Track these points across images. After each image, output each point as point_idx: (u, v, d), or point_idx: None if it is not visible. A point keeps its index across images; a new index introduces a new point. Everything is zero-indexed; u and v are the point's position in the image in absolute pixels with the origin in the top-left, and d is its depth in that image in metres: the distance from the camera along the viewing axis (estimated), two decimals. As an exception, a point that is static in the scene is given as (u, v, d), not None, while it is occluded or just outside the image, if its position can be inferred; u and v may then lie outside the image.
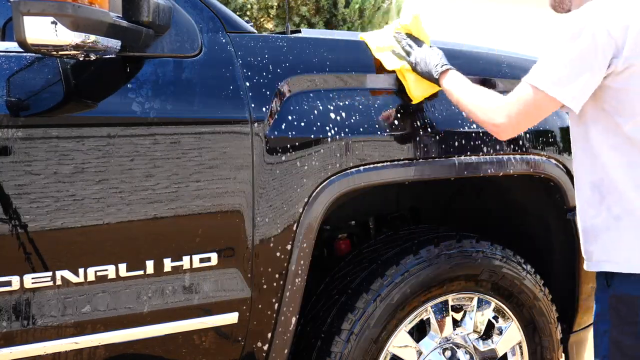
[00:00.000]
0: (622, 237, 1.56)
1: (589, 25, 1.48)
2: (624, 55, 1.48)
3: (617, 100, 1.52)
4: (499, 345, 2.10)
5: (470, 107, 1.68)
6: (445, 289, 1.98)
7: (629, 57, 1.48)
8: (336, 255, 2.29)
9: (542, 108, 1.56)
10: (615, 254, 1.58)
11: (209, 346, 1.68)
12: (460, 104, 1.74)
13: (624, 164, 1.54)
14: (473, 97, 1.68)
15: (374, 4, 7.48)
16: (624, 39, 1.47)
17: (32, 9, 1.23)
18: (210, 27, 1.67)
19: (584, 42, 1.48)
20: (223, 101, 1.62)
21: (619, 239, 1.57)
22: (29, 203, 1.44)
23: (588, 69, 1.49)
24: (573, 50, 1.49)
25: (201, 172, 1.59)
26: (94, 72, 1.53)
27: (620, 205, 1.55)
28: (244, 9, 6.76)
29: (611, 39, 1.47)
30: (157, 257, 1.57)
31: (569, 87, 1.50)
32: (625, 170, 1.54)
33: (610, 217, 1.57)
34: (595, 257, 1.64)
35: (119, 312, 1.55)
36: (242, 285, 1.67)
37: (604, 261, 1.60)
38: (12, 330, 1.47)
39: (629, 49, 1.47)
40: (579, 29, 1.49)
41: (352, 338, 1.85)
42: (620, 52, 1.47)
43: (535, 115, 1.58)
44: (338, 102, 1.78)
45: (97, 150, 1.49)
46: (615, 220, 1.56)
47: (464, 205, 2.48)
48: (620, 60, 1.48)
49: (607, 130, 1.55)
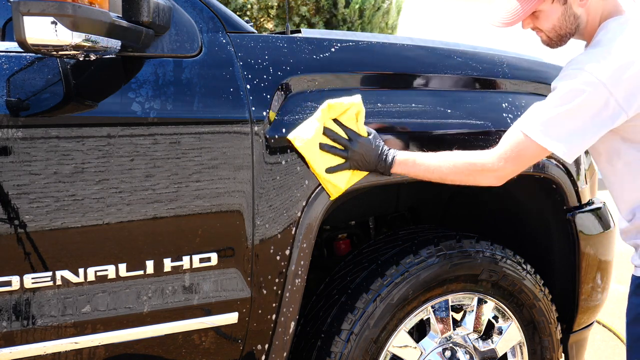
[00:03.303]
0: None
1: (591, 85, 1.47)
2: (634, 108, 1.49)
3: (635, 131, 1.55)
4: (499, 345, 2.10)
5: (452, 175, 1.66)
6: (445, 288, 1.98)
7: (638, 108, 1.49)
8: (336, 255, 2.29)
9: (531, 155, 1.59)
10: None
11: (209, 346, 1.68)
12: (431, 177, 1.69)
13: None
14: (450, 166, 1.66)
15: (374, 4, 7.48)
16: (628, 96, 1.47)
17: (32, 9, 1.23)
18: (210, 27, 1.67)
19: (589, 103, 1.48)
20: (223, 101, 1.62)
21: None
22: (29, 203, 1.44)
23: (590, 129, 1.50)
24: (577, 109, 1.49)
25: (201, 172, 1.59)
26: (94, 72, 1.53)
27: None
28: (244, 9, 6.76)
29: (613, 100, 1.47)
30: (157, 257, 1.57)
31: (566, 142, 1.52)
32: None
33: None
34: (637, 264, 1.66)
35: (118, 312, 1.55)
36: (242, 285, 1.67)
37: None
38: (12, 330, 1.47)
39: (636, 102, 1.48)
40: (583, 89, 1.48)
41: (352, 338, 1.85)
42: (627, 107, 1.48)
43: (527, 160, 1.61)
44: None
45: (97, 150, 1.49)
46: None
47: (464, 205, 2.48)
48: (630, 112, 1.49)
49: None
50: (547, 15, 1.60)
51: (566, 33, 1.63)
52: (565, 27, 1.61)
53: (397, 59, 1.98)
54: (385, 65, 1.94)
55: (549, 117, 1.52)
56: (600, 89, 1.46)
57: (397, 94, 1.90)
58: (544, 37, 1.67)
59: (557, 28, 1.62)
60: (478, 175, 1.64)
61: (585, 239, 2.18)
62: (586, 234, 2.18)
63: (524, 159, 1.59)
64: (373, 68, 1.90)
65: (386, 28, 7.86)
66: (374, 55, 1.93)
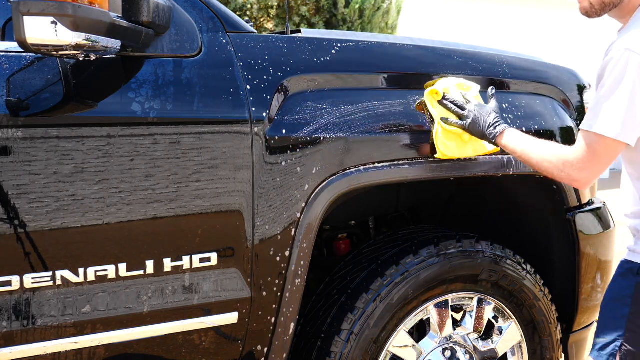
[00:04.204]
0: None
1: (636, 63, 1.47)
2: None
3: None
4: (499, 345, 2.10)
5: (542, 165, 1.66)
6: (445, 288, 1.98)
7: None
8: (336, 255, 2.29)
9: (612, 153, 1.56)
10: None
11: (209, 346, 1.68)
12: (528, 161, 1.71)
13: None
14: (542, 154, 1.66)
15: (374, 4, 7.48)
16: None
17: (32, 9, 1.23)
18: (210, 27, 1.67)
19: (635, 81, 1.47)
20: (223, 101, 1.62)
21: None
22: (29, 203, 1.44)
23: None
24: (626, 92, 1.48)
25: (201, 172, 1.59)
26: (94, 72, 1.53)
27: None
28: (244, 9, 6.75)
29: None
30: (157, 257, 1.57)
31: (632, 128, 1.51)
32: None
33: None
34: (633, 248, 1.67)
35: (119, 312, 1.55)
36: (242, 285, 1.67)
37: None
38: (12, 330, 1.47)
39: None
40: (628, 69, 1.48)
41: (352, 338, 1.85)
42: None
43: (609, 161, 1.58)
44: (338, 102, 1.78)
45: (97, 150, 1.49)
46: None
47: (464, 205, 2.48)
48: None
49: None
50: None
51: (610, 2, 1.60)
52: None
53: (397, 59, 1.98)
54: (385, 65, 1.94)
55: (605, 107, 1.51)
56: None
57: (397, 94, 1.90)
58: (585, 4, 1.63)
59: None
60: (559, 173, 1.62)
61: (585, 239, 2.18)
62: (586, 234, 2.18)
63: (600, 155, 1.55)
64: (373, 68, 1.90)
65: (386, 28, 7.86)
66: (374, 55, 1.93)
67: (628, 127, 1.51)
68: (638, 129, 1.53)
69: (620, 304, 1.63)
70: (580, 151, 1.58)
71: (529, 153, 1.69)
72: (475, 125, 1.79)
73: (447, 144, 1.83)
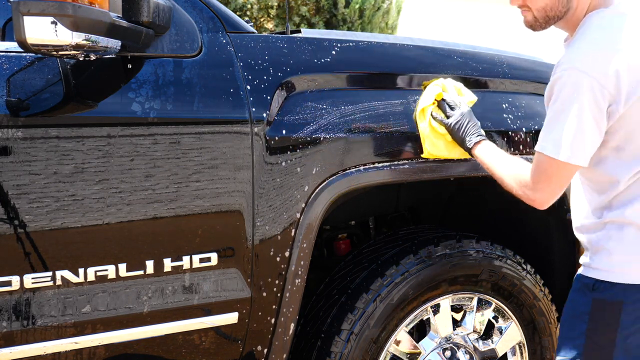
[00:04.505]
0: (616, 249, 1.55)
1: (583, 83, 1.44)
2: (622, 101, 1.45)
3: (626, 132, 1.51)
4: (499, 345, 2.10)
5: (504, 182, 1.66)
6: (445, 288, 1.98)
7: (627, 100, 1.46)
8: (336, 255, 2.29)
9: (566, 175, 1.54)
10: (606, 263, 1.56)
11: (209, 346, 1.68)
12: (494, 176, 1.71)
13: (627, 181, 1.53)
14: (506, 171, 1.66)
15: (374, 4, 7.48)
16: (618, 86, 1.44)
17: (32, 9, 1.23)
18: (210, 27, 1.67)
19: (583, 102, 1.44)
20: (223, 101, 1.62)
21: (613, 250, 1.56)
22: (29, 203, 1.44)
23: (594, 126, 1.47)
24: (575, 113, 1.45)
25: (201, 172, 1.59)
26: (94, 72, 1.53)
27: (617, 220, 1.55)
28: (244, 9, 6.75)
29: (606, 91, 1.44)
30: (157, 257, 1.57)
31: (582, 150, 1.48)
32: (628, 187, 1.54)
33: (606, 233, 1.57)
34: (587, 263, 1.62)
35: (119, 312, 1.55)
36: (242, 285, 1.67)
37: (595, 269, 1.58)
38: (12, 330, 1.47)
39: (625, 93, 1.45)
40: (576, 89, 1.45)
41: (352, 338, 1.85)
42: (618, 99, 1.45)
43: (564, 182, 1.55)
44: (338, 102, 1.78)
45: (97, 150, 1.49)
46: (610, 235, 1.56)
47: (464, 205, 2.48)
48: (619, 106, 1.46)
49: None
50: None
51: (555, 15, 1.57)
52: (556, 9, 1.55)
53: (397, 59, 1.98)
54: (385, 65, 1.94)
55: (556, 128, 1.49)
56: (594, 83, 1.43)
57: (397, 94, 1.90)
58: (529, 17, 1.59)
59: (548, 9, 1.55)
60: (520, 191, 1.60)
61: (585, 239, 2.18)
62: (586, 234, 2.18)
63: (553, 177, 1.53)
64: (373, 68, 1.90)
65: (386, 28, 7.85)
66: (374, 55, 1.93)
67: (579, 149, 1.48)
68: (590, 150, 1.49)
69: (578, 320, 1.59)
70: (535, 172, 1.55)
71: (495, 169, 1.68)
72: (459, 130, 1.78)
73: (435, 142, 1.83)
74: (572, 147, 1.48)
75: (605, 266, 1.56)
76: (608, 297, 1.54)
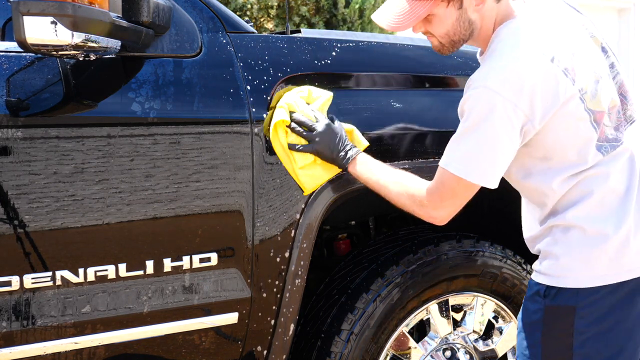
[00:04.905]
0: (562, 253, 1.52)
1: (495, 102, 1.39)
2: (537, 118, 1.41)
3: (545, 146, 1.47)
4: (498, 345, 2.10)
5: (399, 200, 1.59)
6: (445, 288, 1.98)
7: (543, 117, 1.41)
8: (336, 255, 2.29)
9: (472, 193, 1.50)
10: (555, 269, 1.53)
11: (209, 346, 1.68)
12: (379, 192, 1.64)
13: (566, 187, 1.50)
14: (395, 187, 1.59)
15: (374, 4, 7.47)
16: (532, 104, 1.39)
17: (32, 9, 1.23)
18: (210, 27, 1.67)
19: (495, 122, 1.40)
20: (223, 101, 1.62)
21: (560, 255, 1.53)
22: (29, 203, 1.44)
23: (506, 147, 1.43)
24: (487, 134, 1.41)
25: (201, 172, 1.59)
26: (94, 72, 1.53)
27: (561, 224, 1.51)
28: (244, 9, 6.75)
29: (519, 111, 1.39)
30: (157, 257, 1.57)
31: (493, 172, 1.44)
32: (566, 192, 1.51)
33: (552, 238, 1.54)
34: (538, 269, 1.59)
35: (118, 312, 1.55)
36: (242, 285, 1.67)
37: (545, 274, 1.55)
38: (12, 330, 1.47)
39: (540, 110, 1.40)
40: (488, 109, 1.40)
41: (352, 338, 1.85)
42: (532, 117, 1.41)
43: (468, 198, 1.51)
44: (338, 102, 1.78)
45: (97, 150, 1.49)
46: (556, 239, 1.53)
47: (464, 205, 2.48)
48: (535, 123, 1.41)
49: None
50: (441, 20, 1.49)
51: (460, 39, 1.53)
52: (460, 33, 1.51)
53: (397, 59, 1.98)
54: (385, 65, 1.94)
55: (465, 148, 1.44)
56: (506, 103, 1.38)
57: (397, 94, 1.90)
58: (435, 43, 1.55)
59: (451, 34, 1.51)
60: (418, 209, 1.55)
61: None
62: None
63: (459, 195, 1.49)
64: (373, 68, 1.90)
65: (386, 28, 7.83)
66: (374, 55, 1.93)
67: (490, 171, 1.44)
68: (501, 171, 1.46)
69: (532, 328, 1.54)
70: (438, 190, 1.50)
71: (381, 185, 1.61)
72: (326, 150, 1.66)
73: (308, 173, 1.67)
74: (483, 169, 1.44)
75: (555, 271, 1.51)
76: (560, 302, 1.49)
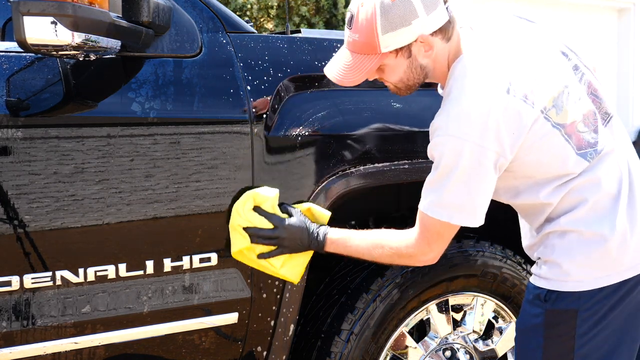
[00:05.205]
0: (562, 258, 1.53)
1: (462, 148, 1.40)
2: (507, 151, 1.42)
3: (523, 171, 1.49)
4: (498, 345, 2.10)
5: (385, 260, 1.61)
6: (445, 288, 1.98)
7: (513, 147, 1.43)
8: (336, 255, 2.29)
9: (451, 232, 1.52)
10: (556, 273, 1.54)
11: (209, 346, 1.68)
12: (362, 257, 1.64)
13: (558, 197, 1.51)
14: (377, 251, 1.60)
15: (374, 4, 7.47)
16: (500, 140, 1.41)
17: (32, 9, 1.23)
18: (210, 27, 1.67)
19: (466, 167, 1.41)
20: (223, 101, 1.62)
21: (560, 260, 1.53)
22: (29, 203, 1.44)
23: (482, 187, 1.44)
24: (460, 179, 1.43)
25: (201, 172, 1.59)
26: (94, 72, 1.53)
27: (557, 230, 1.52)
28: (244, 9, 6.75)
29: (488, 151, 1.40)
30: (157, 257, 1.57)
31: (474, 212, 1.47)
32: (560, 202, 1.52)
33: (550, 244, 1.55)
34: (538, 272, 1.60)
35: (118, 312, 1.55)
36: (242, 285, 1.67)
37: (546, 279, 1.56)
38: (12, 330, 1.47)
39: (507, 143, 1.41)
40: (456, 155, 1.41)
41: (352, 338, 1.85)
42: (503, 152, 1.42)
43: (452, 235, 1.53)
44: (338, 102, 1.78)
45: (97, 150, 1.49)
46: (554, 245, 1.54)
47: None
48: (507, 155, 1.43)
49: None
50: (393, 69, 1.50)
51: (415, 83, 1.54)
52: (413, 78, 1.52)
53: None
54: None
55: (443, 194, 1.46)
56: (473, 147, 1.40)
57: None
58: (391, 87, 1.57)
59: (405, 80, 1.52)
60: (407, 260, 1.58)
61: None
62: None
63: (445, 236, 1.52)
64: (373, 68, 1.90)
65: (386, 28, 7.83)
66: (374, 55, 1.93)
67: (471, 212, 1.46)
68: (483, 209, 1.48)
69: (533, 332, 1.55)
70: (424, 234, 1.52)
71: (368, 252, 1.61)
72: (297, 246, 1.64)
73: (291, 265, 1.66)
74: (465, 212, 1.46)
75: (555, 275, 1.51)
76: (562, 306, 1.50)
